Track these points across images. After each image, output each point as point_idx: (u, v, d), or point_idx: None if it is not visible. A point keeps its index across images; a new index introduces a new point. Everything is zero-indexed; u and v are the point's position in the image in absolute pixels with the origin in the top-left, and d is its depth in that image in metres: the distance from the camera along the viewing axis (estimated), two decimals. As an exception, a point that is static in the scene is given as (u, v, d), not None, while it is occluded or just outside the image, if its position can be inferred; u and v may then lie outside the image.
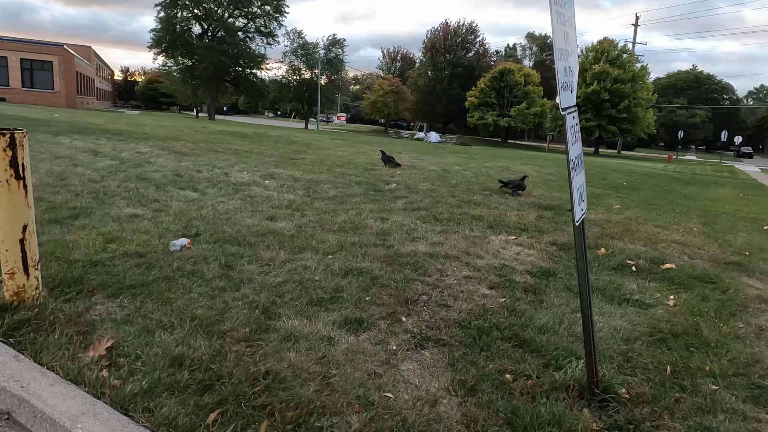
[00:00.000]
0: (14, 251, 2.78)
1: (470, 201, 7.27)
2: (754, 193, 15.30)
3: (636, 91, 41.82)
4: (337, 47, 52.63)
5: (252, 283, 3.35)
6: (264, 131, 23.63)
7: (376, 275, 3.58)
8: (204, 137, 16.25)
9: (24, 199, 2.75)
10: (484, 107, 50.17)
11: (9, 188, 2.68)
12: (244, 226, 4.93)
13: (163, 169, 8.41)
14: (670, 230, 6.54)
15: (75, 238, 4.21)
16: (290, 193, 7.11)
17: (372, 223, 5.24)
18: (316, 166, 10.74)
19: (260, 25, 43.89)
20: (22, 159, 2.71)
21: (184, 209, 5.55)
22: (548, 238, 5.22)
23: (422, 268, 3.83)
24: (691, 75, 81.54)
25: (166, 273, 3.48)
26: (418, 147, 25.00)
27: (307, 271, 3.61)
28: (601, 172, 17.51)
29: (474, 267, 3.99)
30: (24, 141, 2.72)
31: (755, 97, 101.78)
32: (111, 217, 5.00)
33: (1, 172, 2.64)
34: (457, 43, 58.61)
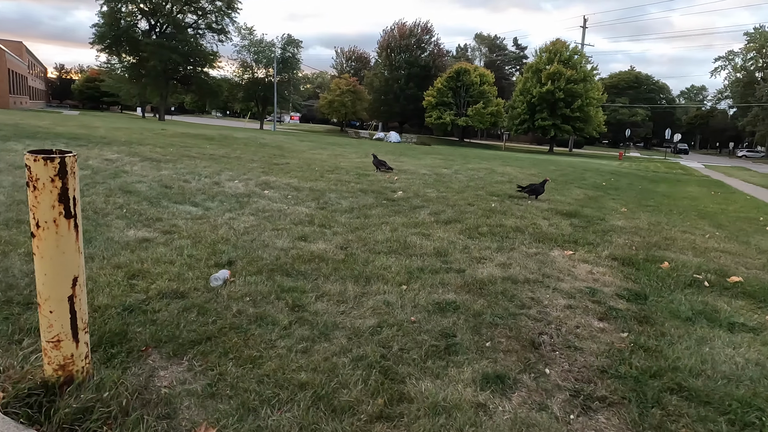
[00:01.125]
0: (61, 312, 2.10)
1: (492, 209, 6.89)
2: (721, 191, 15.86)
3: (588, 91, 43.16)
4: (293, 46, 51.41)
5: (340, 328, 2.79)
6: (228, 133, 22.47)
7: (476, 310, 3.09)
8: (169, 141, 15.13)
9: (75, 243, 2.08)
10: (442, 107, 50.37)
11: (57, 231, 2.00)
12: (279, 250, 4.31)
13: (146, 180, 7.54)
14: (697, 235, 6.41)
15: (89, 275, 3.47)
16: (300, 205, 6.48)
17: (418, 241, 4.73)
18: (305, 172, 10.08)
19: (211, 21, 42.01)
20: (74, 191, 2.04)
21: (197, 230, 4.84)
22: (603, 251, 4.90)
23: (515, 298, 3.37)
24: (632, 75, 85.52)
25: (227, 319, 2.85)
26: (385, 148, 24.58)
27: (394, 309, 3.07)
28: (575, 171, 17.71)
29: (564, 293, 3.58)
30: (75, 167, 2.05)
31: (686, 97, 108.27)
32: (118, 243, 4.25)
33: (46, 209, 1.96)
34: (413, 43, 58.59)
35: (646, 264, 4.53)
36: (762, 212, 10.61)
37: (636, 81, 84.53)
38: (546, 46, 45.31)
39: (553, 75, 42.31)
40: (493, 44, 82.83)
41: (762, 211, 10.89)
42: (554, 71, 42.11)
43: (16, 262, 3.65)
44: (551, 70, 42.39)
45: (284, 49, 49.98)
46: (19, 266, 3.57)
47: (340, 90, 52.17)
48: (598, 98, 44.47)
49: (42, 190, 1.95)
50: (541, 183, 8.41)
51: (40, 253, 2.01)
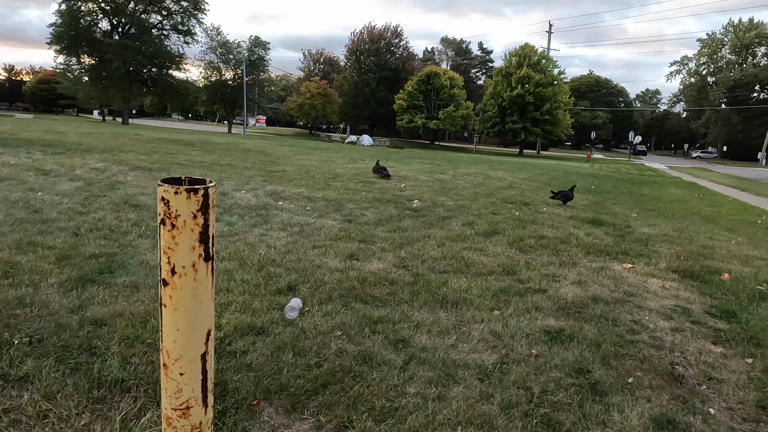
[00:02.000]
0: (193, 374, 1.74)
1: (519, 218, 6.72)
2: (700, 193, 16.31)
3: (556, 95, 44.13)
4: (260, 48, 50.49)
5: (463, 367, 2.49)
6: (205, 138, 21.66)
7: (591, 339, 2.86)
8: (149, 147, 14.37)
9: (210, 290, 1.72)
10: (413, 110, 50.47)
11: (196, 276, 1.65)
12: (335, 271, 3.98)
13: (147, 191, 7.03)
14: (723, 242, 6.41)
15: (146, 309, 3.06)
16: (325, 218, 6.13)
17: (475, 257, 4.48)
18: (308, 180, 9.69)
19: (177, 22, 40.65)
20: (212, 228, 1.69)
21: (233, 250, 4.44)
22: (659, 263, 4.78)
23: (618, 322, 3.16)
24: (592, 79, 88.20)
25: (332, 361, 2.51)
26: (364, 152, 24.28)
27: (505, 340, 2.80)
28: (560, 175, 17.89)
29: (659, 313, 3.40)
30: (214, 198, 1.70)
31: (642, 100, 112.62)
32: (154, 267, 3.81)
33: (185, 252, 1.61)
34: (383, 47, 58.48)
35: (708, 276, 4.43)
36: (754, 214, 10.90)
37: (596, 85, 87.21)
38: (515, 50, 46.08)
39: (522, 79, 43.02)
40: (459, 48, 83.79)
41: (753, 212, 11.19)
42: (524, 75, 42.83)
43: (52, 294, 3.19)
44: (521, 74, 43.11)
45: (252, 51, 49.03)
46: (59, 300, 3.12)
47: (311, 93, 51.52)
48: (565, 102, 45.54)
49: (182, 229, 1.59)
50: (570, 189, 8.34)
51: (174, 305, 1.65)
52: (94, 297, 3.22)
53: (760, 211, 11.48)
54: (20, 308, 2.98)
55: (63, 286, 3.35)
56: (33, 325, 2.77)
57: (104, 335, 2.71)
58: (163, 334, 1.71)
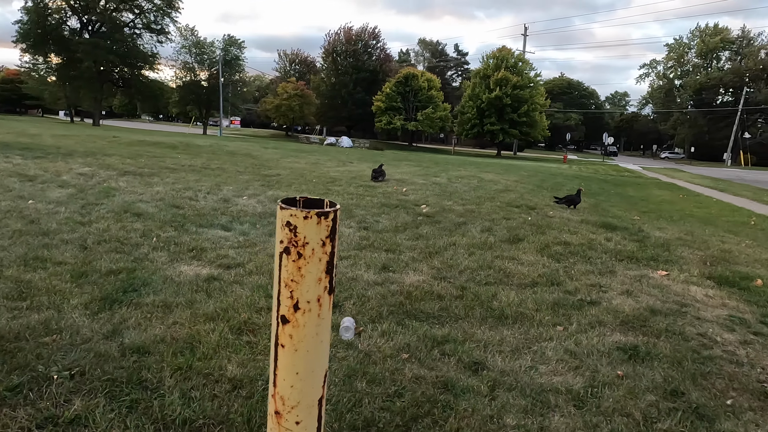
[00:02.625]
0: (309, 422, 1.51)
1: (535, 224, 6.63)
2: (684, 194, 16.65)
3: (533, 97, 44.70)
4: (235, 47, 49.65)
5: (552, 392, 2.33)
6: (186, 140, 21.05)
7: (668, 356, 2.73)
8: (132, 150, 13.83)
9: (329, 327, 1.51)
10: (392, 111, 50.37)
11: (320, 312, 1.43)
12: (374, 285, 3.77)
13: (146, 198, 6.68)
14: (733, 244, 6.45)
15: (188, 332, 2.80)
16: (341, 226, 5.88)
17: (512, 267, 4.34)
18: (306, 185, 9.43)
19: (150, 21, 39.54)
20: (336, 255, 1.48)
21: (259, 262, 4.20)
22: (693, 270, 4.73)
23: (686, 336, 3.05)
24: (564, 82, 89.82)
25: (413, 390, 2.31)
26: (351, 154, 24.03)
27: (583, 359, 2.66)
28: (547, 177, 18.01)
29: (720, 324, 3.31)
30: (338, 222, 1.49)
31: (611, 102, 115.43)
32: (182, 285, 3.55)
33: (311, 284, 1.39)
34: (360, 48, 58.24)
35: (743, 282, 4.40)
36: (744, 215, 11.12)
37: (569, 87, 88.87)
38: (492, 52, 46.49)
39: (500, 81, 43.41)
40: (436, 50, 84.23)
41: (742, 214, 11.42)
42: (502, 77, 43.22)
43: (80, 318, 2.90)
44: (499, 76, 43.49)
45: (227, 50, 48.13)
46: (89, 324, 2.83)
47: (288, 94, 50.90)
48: (542, 104, 46.16)
49: (309, 259, 1.37)
50: (576, 193, 8.31)
51: (294, 345, 1.43)
52: (125, 320, 2.94)
53: (747, 213, 11.73)
54: (48, 335, 2.69)
55: (89, 308, 3.06)
56: (69, 356, 2.49)
57: (152, 365, 2.45)
58: (277, 378, 1.48)
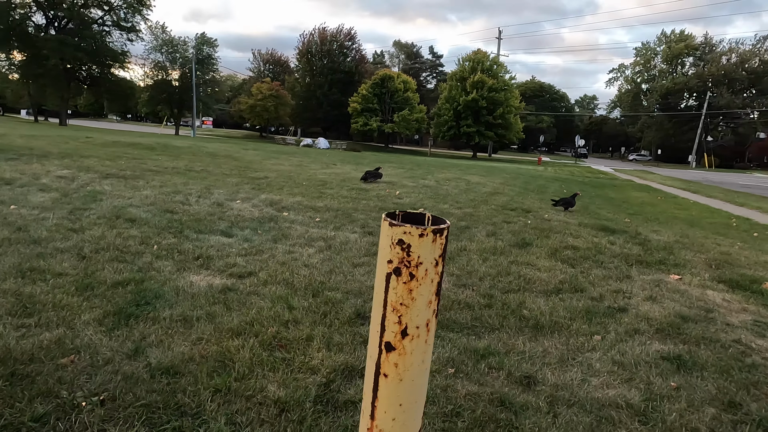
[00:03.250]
0: (409, 457, 1.39)
1: (536, 227, 6.62)
2: (662, 195, 17.05)
3: (508, 99, 45.27)
4: (208, 46, 48.69)
5: (615, 407, 2.25)
6: (163, 141, 20.45)
7: (714, 365, 2.70)
8: (108, 151, 13.32)
9: (429, 358, 1.39)
10: (368, 113, 50.27)
11: (427, 338, 1.31)
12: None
13: (135, 203, 6.39)
14: (726, 246, 6.57)
15: (218, 350, 2.62)
16: (342, 230, 5.77)
17: (531, 273, 4.28)
18: (298, 188, 9.22)
19: (120, 18, 38.36)
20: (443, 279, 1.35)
21: (272, 270, 4.02)
22: (703, 273, 4.77)
23: (723, 343, 3.03)
24: (536, 85, 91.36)
25: (471, 408, 2.20)
26: (333, 156, 23.81)
27: (631, 370, 2.59)
28: (529, 179, 18.20)
29: (750, 330, 3.31)
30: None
31: (580, 105, 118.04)
32: (196, 297, 3.35)
33: (422, 308, 1.27)
34: (335, 49, 57.93)
35: (753, 286, 4.45)
36: (723, 217, 11.41)
37: (540, 90, 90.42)
38: (468, 55, 46.89)
39: (477, 84, 43.81)
40: (411, 52, 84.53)
41: (721, 215, 11.73)
42: (478, 80, 43.62)
43: (96, 336, 2.69)
44: (475, 79, 43.88)
45: (199, 49, 47.14)
46: (107, 343, 2.63)
47: (263, 94, 50.20)
48: (516, 106, 46.80)
49: (422, 281, 1.25)
50: (572, 196, 8.36)
51: (399, 375, 1.30)
52: (145, 337, 2.74)
53: (726, 214, 12.05)
54: (65, 356, 2.47)
55: (103, 324, 2.85)
56: (93, 379, 2.29)
57: (187, 387, 2.27)
58: (377, 411, 1.35)
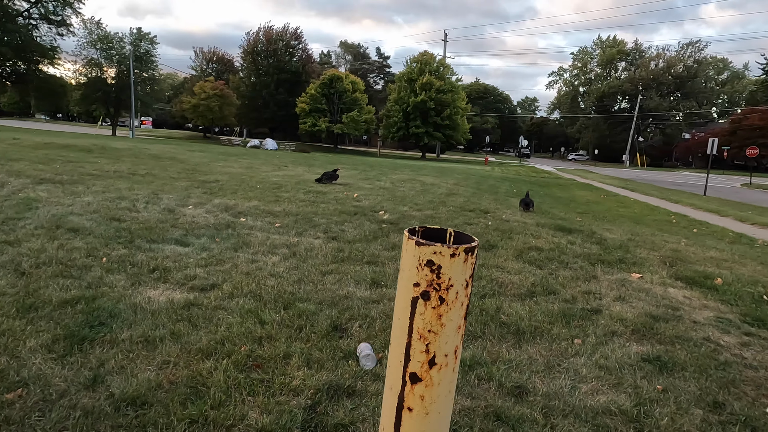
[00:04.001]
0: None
1: (498, 228, 6.67)
2: (604, 194, 17.81)
3: (455, 101, 46.09)
4: (147, 42, 46.50)
5: (609, 414, 2.22)
6: (100, 143, 19.24)
7: (691, 364, 2.74)
8: (41, 154, 12.36)
9: (455, 388, 1.27)
10: (316, 113, 49.70)
11: (455, 365, 1.20)
12: (371, 302, 3.52)
13: (77, 210, 5.92)
14: (674, 243, 6.88)
15: (188, 373, 2.40)
16: (305, 236, 5.57)
17: (502, 276, 4.25)
18: (252, 191, 8.89)
19: (48, 10, 35.87)
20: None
21: (236, 281, 3.79)
22: (661, 271, 4.93)
23: (693, 341, 3.09)
24: (481, 87, 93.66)
25: (468, 425, 2.11)
26: (284, 158, 23.30)
27: (621, 375, 2.59)
28: (479, 179, 18.54)
29: (718, 328, 3.41)
30: (468, 255, 1.25)
31: (522, 107, 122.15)
32: (155, 313, 3.09)
33: (451, 334, 1.15)
34: (281, 48, 56.87)
35: (707, 282, 4.65)
36: (663, 213, 12.04)
37: (485, 92, 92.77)
38: (416, 56, 47.33)
39: (425, 85, 44.30)
40: (358, 52, 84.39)
41: (661, 212, 12.37)
42: (427, 82, 44.12)
43: (45, 365, 2.40)
44: (424, 81, 44.35)
45: (137, 45, 44.90)
46: (60, 372, 2.35)
47: (206, 94, 48.54)
48: (463, 107, 47.73)
49: (452, 305, 1.13)
50: (526, 194, 8.56)
51: (425, 408, 1.18)
52: (103, 363, 2.48)
53: (665, 211, 12.72)
54: (10, 390, 2.18)
55: (53, 351, 2.55)
56: (48, 417, 2.02)
57: (158, 420, 2.05)
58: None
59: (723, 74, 78.01)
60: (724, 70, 78.03)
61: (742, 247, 7.47)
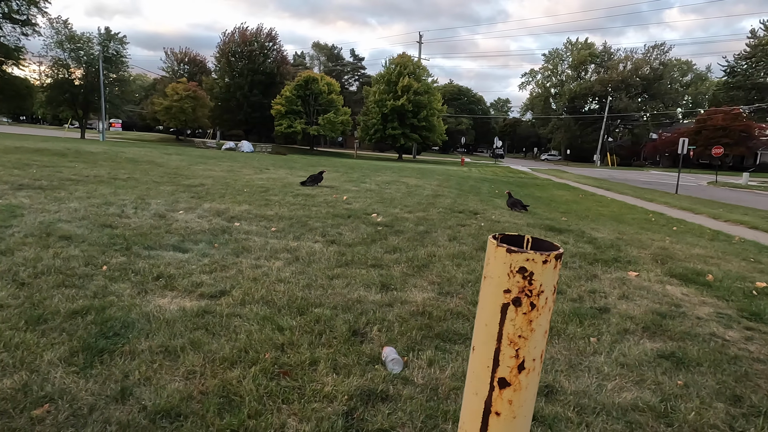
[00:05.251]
0: (514, 497, 1.29)
1: (493, 230, 6.76)
2: (582, 193, 18.19)
3: (431, 102, 46.38)
4: (116, 43, 45.39)
5: (638, 411, 2.28)
6: (72, 146, 18.68)
7: (705, 359, 2.84)
8: (13, 158, 11.96)
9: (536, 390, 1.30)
10: (292, 115, 49.32)
11: (540, 369, 1.22)
12: (384, 306, 3.53)
13: (64, 217, 5.76)
14: (660, 241, 7.10)
15: (218, 383, 2.36)
16: (303, 240, 5.53)
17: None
18: (240, 195, 8.78)
19: (12, 9, 34.63)
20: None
21: (246, 288, 3.74)
22: (655, 269, 5.08)
23: (701, 336, 3.20)
24: (455, 88, 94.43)
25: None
26: (264, 160, 23.05)
27: (642, 371, 2.66)
28: (460, 180, 18.71)
29: (716, 322, 3.53)
30: (548, 261, 1.28)
31: (495, 108, 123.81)
32: (170, 322, 3.04)
33: (540, 338, 1.17)
34: (256, 49, 56.26)
35: (700, 279, 4.81)
36: (642, 212, 12.37)
37: (459, 93, 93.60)
38: (394, 58, 47.44)
39: (405, 88, 44.43)
40: (331, 53, 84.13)
41: (639, 211, 12.70)
42: (407, 84, 44.25)
43: (68, 378, 2.34)
44: (405, 83, 44.45)
45: (105, 45, 43.73)
46: (85, 386, 2.28)
47: (179, 95, 47.64)
48: (439, 109, 48.07)
49: (542, 310, 1.16)
50: (508, 194, 8.76)
51: (513, 412, 1.20)
52: (128, 374, 2.42)
53: (642, 210, 13.08)
54: (36, 407, 2.11)
55: (73, 364, 2.48)
56: (82, 431, 1.96)
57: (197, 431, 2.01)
58: (486, 454, 1.24)
59: (687, 76, 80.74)
60: (688, 72, 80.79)
61: (721, 244, 7.74)
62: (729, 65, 62.19)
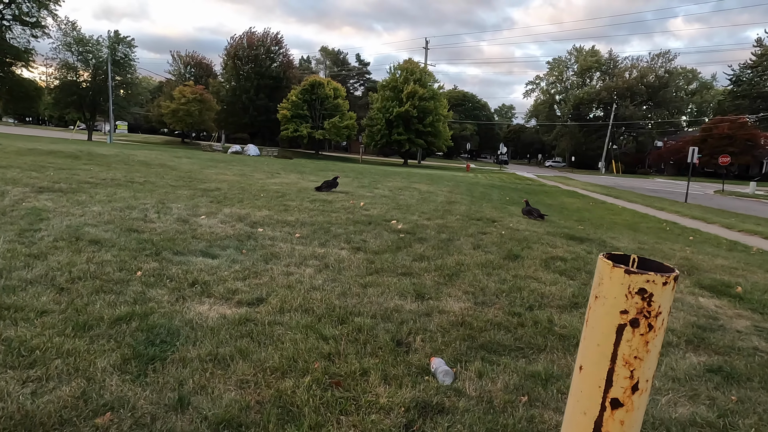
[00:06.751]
0: None
1: (514, 238, 6.75)
2: (592, 201, 18.18)
3: (437, 108, 46.45)
4: (125, 46, 45.66)
5: (695, 426, 2.28)
6: (84, 148, 18.75)
7: (756, 374, 2.83)
8: (29, 161, 12.00)
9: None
10: (298, 119, 49.42)
11: (650, 391, 1.22)
12: (423, 315, 3.53)
13: (90, 221, 5.78)
14: (680, 251, 7.09)
15: (273, 394, 2.36)
16: (328, 246, 5.54)
17: (539, 287, 4.31)
18: (258, 200, 8.79)
19: (23, 11, 34.87)
20: (655, 320, 1.26)
21: (282, 296, 3.74)
22: (684, 281, 5.07)
23: (744, 349, 3.19)
24: (460, 94, 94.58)
25: None
26: (273, 164, 23.10)
27: (693, 385, 2.65)
28: (471, 187, 18.71)
29: (755, 336, 3.52)
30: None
31: (499, 114, 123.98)
32: (214, 330, 3.04)
33: (654, 359, 1.17)
34: (262, 53, 56.48)
35: (729, 290, 4.79)
36: (655, 221, 12.35)
37: (464, 99, 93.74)
38: (400, 64, 47.58)
39: (411, 95, 44.52)
40: (338, 58, 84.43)
41: (652, 220, 12.68)
42: (412, 91, 44.33)
43: (124, 386, 2.33)
44: (410, 90, 44.53)
45: (114, 48, 43.99)
46: (142, 393, 2.28)
47: (186, 98, 47.81)
48: (445, 114, 48.13)
49: (659, 331, 1.16)
50: (525, 202, 8.76)
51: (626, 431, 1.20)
52: (182, 383, 2.42)
53: (655, 219, 13.06)
54: (98, 415, 2.11)
55: (126, 371, 2.48)
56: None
57: (261, 443, 2.01)
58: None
59: (692, 84, 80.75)
60: (693, 80, 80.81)
61: (741, 255, 7.72)
62: (734, 74, 62.18)
